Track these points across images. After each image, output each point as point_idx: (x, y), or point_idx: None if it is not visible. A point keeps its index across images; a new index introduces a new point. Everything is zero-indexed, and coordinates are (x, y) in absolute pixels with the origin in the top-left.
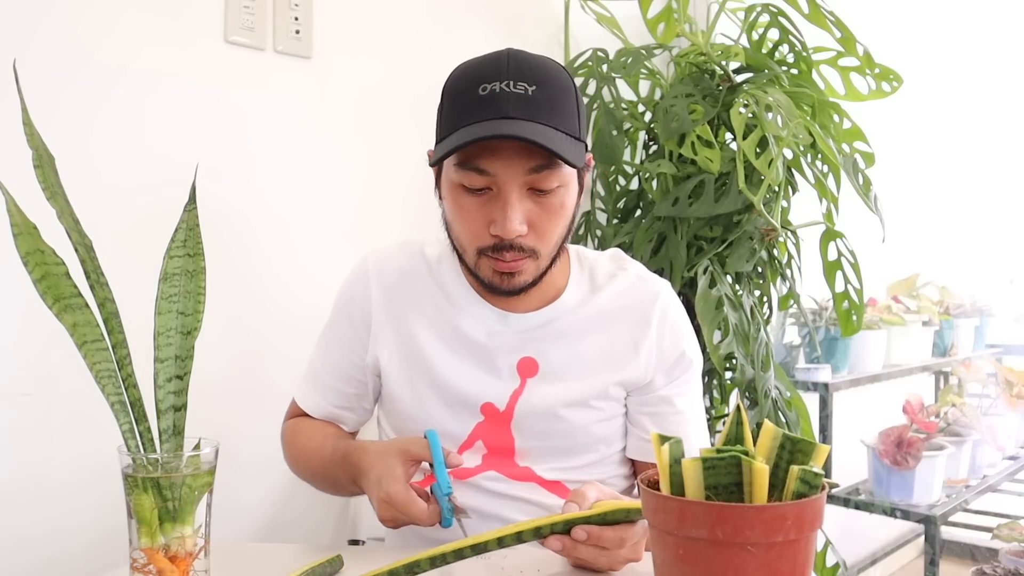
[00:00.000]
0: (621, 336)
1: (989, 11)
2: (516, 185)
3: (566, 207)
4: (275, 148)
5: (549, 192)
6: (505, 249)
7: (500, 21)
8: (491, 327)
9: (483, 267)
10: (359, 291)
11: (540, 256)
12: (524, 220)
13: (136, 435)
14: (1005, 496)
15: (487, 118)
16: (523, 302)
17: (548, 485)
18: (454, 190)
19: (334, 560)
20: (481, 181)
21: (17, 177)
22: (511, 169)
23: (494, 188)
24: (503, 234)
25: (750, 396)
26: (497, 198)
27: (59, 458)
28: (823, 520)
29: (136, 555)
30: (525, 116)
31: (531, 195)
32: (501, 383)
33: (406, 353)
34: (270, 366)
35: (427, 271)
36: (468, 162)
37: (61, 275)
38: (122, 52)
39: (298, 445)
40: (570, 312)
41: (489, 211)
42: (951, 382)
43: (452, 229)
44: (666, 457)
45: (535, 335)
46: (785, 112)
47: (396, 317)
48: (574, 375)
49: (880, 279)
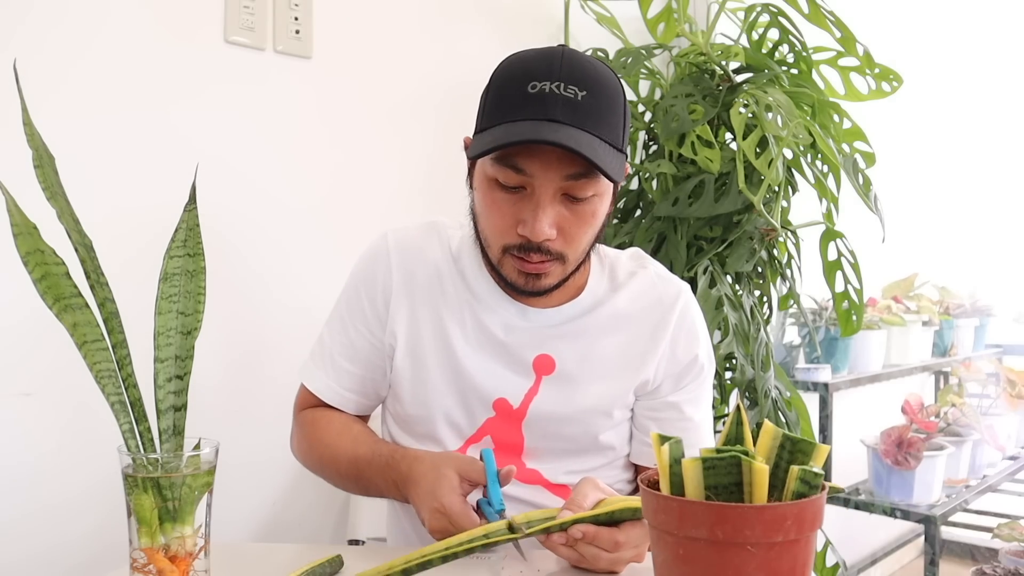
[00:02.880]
0: (639, 338)
1: (989, 11)
2: (551, 189)
3: (598, 216)
4: (275, 148)
5: (583, 200)
6: (532, 251)
7: (500, 21)
8: (510, 321)
9: (507, 265)
10: (380, 267)
11: (567, 261)
12: (554, 224)
13: (136, 435)
14: (1005, 496)
15: (533, 118)
16: (543, 297)
17: (554, 489)
18: (487, 183)
19: (334, 560)
20: (516, 180)
21: (17, 177)
22: (549, 173)
23: (528, 188)
24: (531, 236)
25: (750, 396)
26: (530, 198)
27: (59, 458)
28: (823, 520)
29: (136, 555)
30: (571, 122)
31: (564, 200)
32: (517, 379)
33: (421, 337)
34: (270, 366)
35: (449, 257)
36: (506, 159)
37: (61, 275)
38: (122, 52)
39: (321, 440)
40: (590, 310)
41: (520, 210)
42: (951, 382)
43: (479, 222)
44: (666, 457)
45: (554, 332)
46: (785, 112)
47: (414, 299)
48: (590, 377)
49: (880, 279)
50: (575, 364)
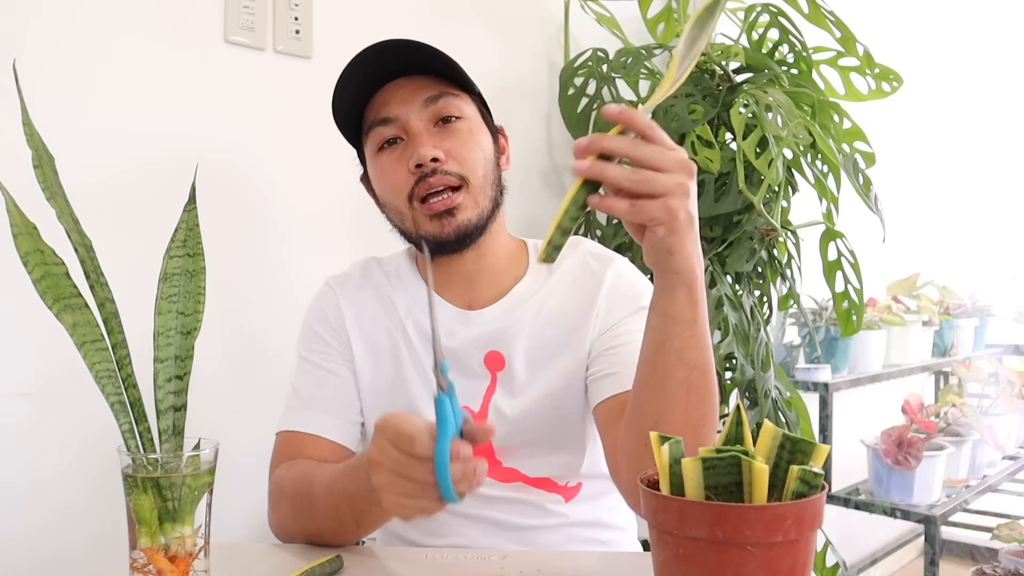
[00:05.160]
0: (578, 309)
1: (989, 11)
2: (419, 119)
3: (476, 137)
4: (275, 148)
5: (454, 120)
6: (428, 176)
7: (500, 21)
8: (452, 327)
9: (420, 219)
10: (329, 305)
11: (471, 185)
12: (435, 145)
13: (136, 435)
14: (1005, 496)
15: (365, 63)
16: (481, 294)
17: (534, 483)
18: (374, 159)
19: (334, 560)
20: (389, 131)
21: (17, 177)
22: (408, 105)
23: (404, 136)
24: (419, 159)
25: (750, 396)
26: (408, 141)
27: (59, 458)
28: (823, 520)
29: (136, 555)
30: (404, 43)
31: (438, 128)
32: (472, 383)
33: (377, 370)
34: (270, 366)
35: (384, 278)
36: (372, 119)
37: (61, 275)
38: (122, 52)
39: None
40: (528, 299)
41: (406, 155)
42: (951, 382)
43: (385, 199)
44: (666, 457)
45: (497, 327)
46: (785, 112)
47: (363, 330)
48: (541, 364)
49: (880, 279)
50: (524, 355)
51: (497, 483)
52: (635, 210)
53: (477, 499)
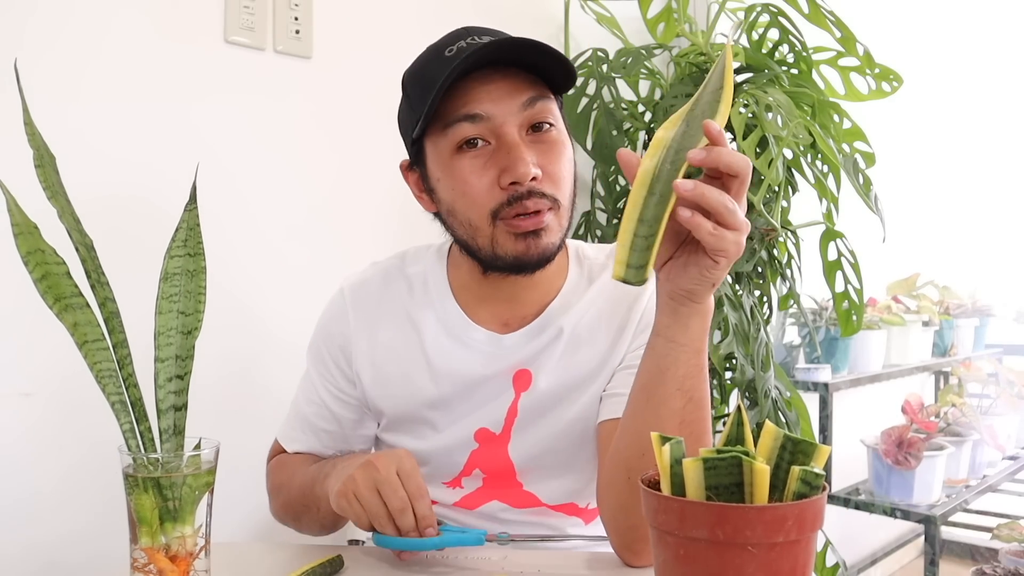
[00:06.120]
0: (610, 331)
1: (989, 11)
2: (514, 123)
3: (566, 150)
4: (275, 148)
5: (547, 130)
6: (524, 197)
7: (500, 21)
8: (482, 354)
9: (501, 237)
10: (336, 326)
11: (561, 207)
12: (535, 163)
13: (136, 435)
14: (1005, 496)
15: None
16: (519, 311)
17: (556, 508)
18: (449, 160)
19: (334, 560)
20: (474, 130)
21: (18, 177)
22: (503, 105)
23: (491, 139)
24: (519, 177)
25: (750, 396)
26: (499, 147)
27: (59, 458)
28: (824, 521)
29: (136, 555)
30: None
31: (531, 137)
32: (495, 404)
33: (382, 395)
34: (271, 366)
35: (407, 292)
36: (455, 113)
37: (62, 275)
38: (122, 52)
39: (285, 484)
40: (563, 314)
41: (495, 162)
42: (951, 382)
43: (457, 208)
44: (666, 458)
45: (529, 350)
46: (785, 112)
47: (376, 357)
48: (569, 387)
49: (880, 279)
50: (552, 374)
51: (516, 509)
52: (717, 235)
53: (499, 524)
